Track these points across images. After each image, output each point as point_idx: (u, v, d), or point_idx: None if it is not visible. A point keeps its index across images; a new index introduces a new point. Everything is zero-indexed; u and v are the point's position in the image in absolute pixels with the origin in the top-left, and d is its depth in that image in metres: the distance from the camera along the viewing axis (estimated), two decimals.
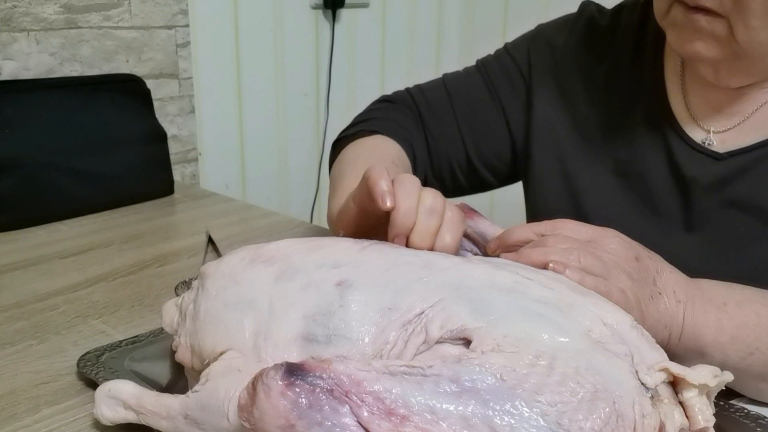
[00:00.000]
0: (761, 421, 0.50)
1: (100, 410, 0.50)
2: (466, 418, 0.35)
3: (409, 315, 0.43)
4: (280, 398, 0.36)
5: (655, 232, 0.68)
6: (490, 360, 0.38)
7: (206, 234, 0.95)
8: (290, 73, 1.55)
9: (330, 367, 0.37)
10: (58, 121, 1.03)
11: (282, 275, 0.48)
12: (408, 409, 0.35)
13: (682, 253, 0.60)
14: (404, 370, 0.38)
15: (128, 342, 0.62)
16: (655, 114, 0.72)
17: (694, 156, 0.69)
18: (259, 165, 1.54)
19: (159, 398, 0.48)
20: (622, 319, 0.43)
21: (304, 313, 0.45)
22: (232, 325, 0.47)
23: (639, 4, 0.77)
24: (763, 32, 0.59)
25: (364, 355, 0.42)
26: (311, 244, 0.51)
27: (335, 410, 0.35)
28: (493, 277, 0.45)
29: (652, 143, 0.71)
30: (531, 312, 0.42)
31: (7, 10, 1.09)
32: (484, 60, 0.87)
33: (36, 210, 0.99)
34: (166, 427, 0.47)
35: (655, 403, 0.39)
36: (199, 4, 1.35)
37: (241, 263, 0.51)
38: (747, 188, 0.66)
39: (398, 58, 1.79)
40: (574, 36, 0.80)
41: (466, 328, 0.41)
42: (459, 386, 0.36)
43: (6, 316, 0.72)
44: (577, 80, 0.79)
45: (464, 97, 0.85)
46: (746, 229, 0.66)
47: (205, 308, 0.50)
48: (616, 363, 0.39)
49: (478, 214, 0.59)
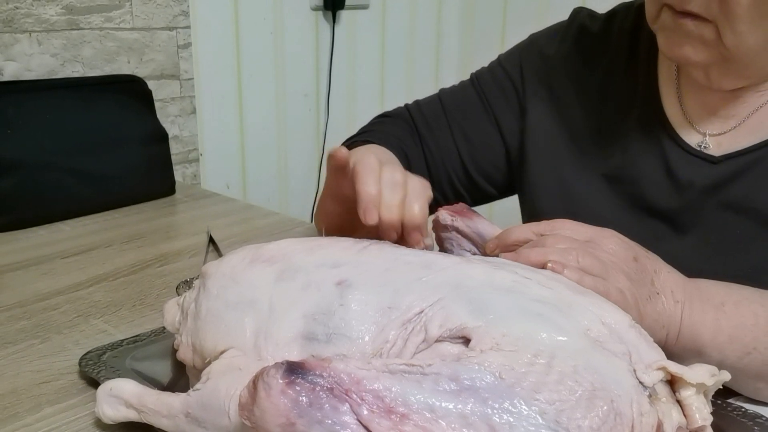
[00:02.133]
0: (759, 419, 0.50)
1: (101, 409, 0.51)
2: (465, 416, 0.35)
3: (409, 314, 0.43)
4: (281, 396, 0.36)
5: (650, 236, 0.68)
6: (489, 359, 0.38)
7: (207, 234, 0.95)
8: (290, 74, 1.55)
9: (330, 366, 0.37)
10: (60, 122, 1.03)
11: (282, 275, 0.48)
12: (407, 408, 0.36)
13: (677, 256, 0.60)
14: (404, 368, 0.38)
15: (130, 341, 0.62)
16: (650, 118, 0.72)
17: (690, 160, 0.69)
18: (259, 165, 1.55)
19: (160, 397, 0.48)
20: (620, 319, 0.43)
21: (304, 313, 0.45)
22: (232, 325, 0.47)
23: (632, 9, 0.77)
24: (750, 37, 0.59)
25: (363, 354, 0.42)
26: (311, 244, 0.51)
27: (335, 408, 0.36)
28: (492, 277, 0.45)
29: (647, 148, 0.72)
30: (530, 311, 0.42)
31: (9, 12, 1.09)
32: (478, 73, 0.88)
33: (37, 210, 1.00)
34: (168, 425, 0.47)
35: (653, 401, 0.39)
36: (200, 6, 1.35)
37: (241, 263, 0.51)
38: (743, 191, 0.66)
39: (398, 59, 1.79)
40: (566, 44, 0.81)
41: (465, 327, 0.41)
42: (458, 384, 0.37)
43: (8, 315, 0.72)
44: (570, 88, 0.79)
45: (459, 109, 0.86)
46: (742, 231, 0.66)
47: (206, 307, 0.50)
48: (614, 362, 0.40)
49: (476, 214, 0.59)
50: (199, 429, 0.45)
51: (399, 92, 1.82)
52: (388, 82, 1.78)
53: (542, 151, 0.80)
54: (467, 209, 0.59)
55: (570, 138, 0.78)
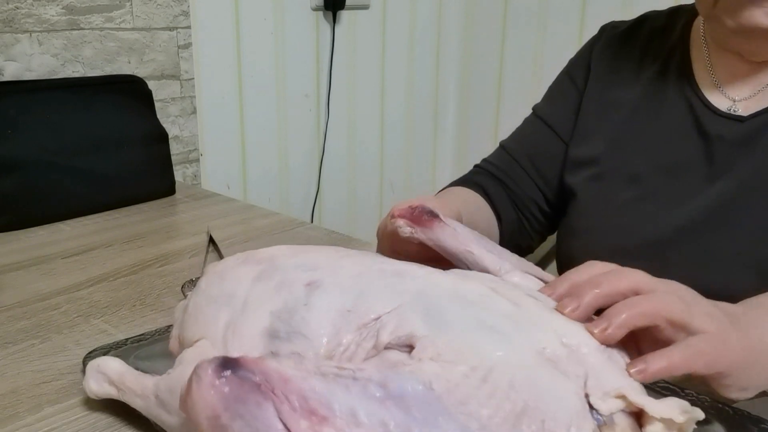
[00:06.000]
0: (763, 425, 0.49)
1: (87, 383, 0.53)
2: (386, 424, 0.35)
3: (366, 318, 0.43)
4: (210, 389, 0.36)
5: (683, 192, 0.73)
6: (425, 367, 0.38)
7: (207, 234, 0.95)
8: (291, 74, 1.55)
9: (262, 364, 0.37)
10: (61, 122, 1.03)
11: (262, 274, 0.50)
12: (329, 411, 0.35)
13: (709, 206, 0.69)
14: (335, 371, 0.38)
15: (134, 340, 0.62)
16: (683, 86, 0.77)
17: (719, 120, 0.74)
18: (259, 165, 1.55)
19: (138, 377, 0.50)
20: (586, 341, 0.41)
21: (272, 310, 0.46)
22: (209, 317, 0.49)
23: (662, 15, 0.84)
24: None
25: (317, 354, 0.43)
26: (300, 249, 0.52)
27: (258, 405, 0.36)
28: (458, 288, 0.45)
29: (680, 111, 0.77)
30: (483, 324, 0.41)
31: (10, 12, 1.09)
32: (534, 107, 0.94)
33: (38, 210, 1.00)
34: (140, 405, 0.49)
35: (604, 429, 0.37)
36: (201, 6, 1.35)
37: (234, 263, 0.53)
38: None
39: (398, 59, 1.79)
40: (598, 48, 0.87)
41: (413, 335, 0.41)
42: (385, 392, 0.36)
43: (8, 315, 0.72)
44: (609, 74, 0.84)
45: (517, 141, 0.92)
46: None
47: (193, 302, 0.52)
48: (560, 382, 0.38)
49: (437, 220, 0.53)
50: (164, 412, 0.46)
51: (399, 92, 1.82)
52: (389, 83, 1.78)
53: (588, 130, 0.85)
54: (426, 214, 0.53)
55: (607, 111, 0.83)
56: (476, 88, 1.92)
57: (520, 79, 1.81)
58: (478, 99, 1.92)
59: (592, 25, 0.92)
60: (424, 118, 1.93)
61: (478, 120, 1.94)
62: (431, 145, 1.97)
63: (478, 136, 1.94)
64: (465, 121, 1.97)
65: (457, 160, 2.00)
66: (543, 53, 1.74)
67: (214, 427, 0.36)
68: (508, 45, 1.82)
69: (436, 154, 1.99)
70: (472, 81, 1.93)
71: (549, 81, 0.93)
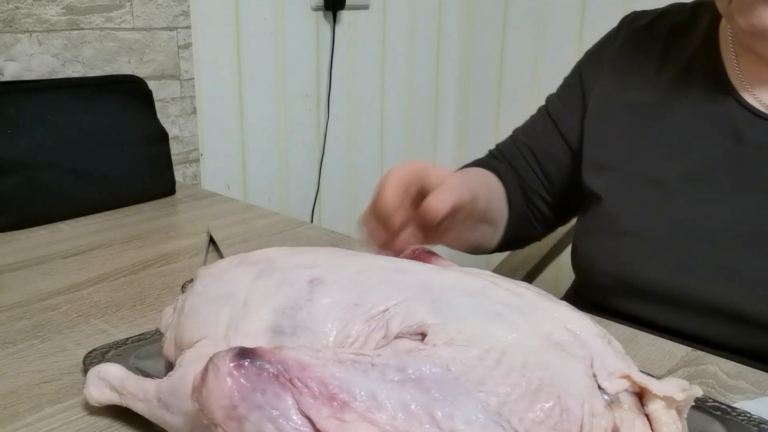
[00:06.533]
0: (764, 425, 0.49)
1: (88, 390, 0.52)
2: (407, 405, 0.36)
3: (373, 311, 0.44)
4: (227, 379, 0.36)
5: (712, 197, 0.71)
6: (440, 352, 0.38)
7: (207, 234, 0.95)
8: (291, 74, 1.55)
9: (280, 353, 0.37)
10: (60, 122, 1.03)
11: (261, 273, 0.50)
12: (350, 396, 0.36)
13: (738, 218, 0.66)
14: (353, 358, 0.38)
15: (134, 340, 0.62)
16: (714, 84, 0.75)
17: (755, 121, 0.71)
18: (260, 166, 1.55)
19: (139, 381, 0.50)
20: (587, 327, 0.43)
21: (275, 307, 0.46)
22: (209, 318, 0.49)
23: (685, 9, 0.81)
24: None
25: (325, 347, 0.43)
26: (297, 250, 0.53)
27: (277, 395, 0.36)
28: (461, 281, 0.46)
29: (712, 111, 0.74)
30: (491, 312, 0.42)
31: (10, 12, 1.09)
32: (547, 98, 0.95)
33: (38, 210, 1.00)
34: (143, 409, 0.48)
35: (612, 407, 0.38)
36: (201, 6, 1.35)
37: (229, 264, 0.53)
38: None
39: (398, 59, 1.79)
40: (618, 41, 0.85)
41: (424, 323, 0.41)
42: (404, 375, 0.37)
43: (8, 315, 0.72)
44: (625, 71, 0.83)
45: (525, 133, 0.94)
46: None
47: (189, 303, 0.52)
48: (570, 362, 0.39)
49: (435, 257, 0.58)
50: (167, 414, 0.46)
51: (399, 92, 1.82)
52: (389, 83, 1.78)
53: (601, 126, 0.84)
54: (425, 254, 0.58)
55: (627, 112, 0.81)
56: (476, 88, 1.92)
57: (520, 79, 1.81)
58: (478, 99, 1.92)
59: (592, 25, 0.92)
60: (424, 118, 1.93)
61: (478, 120, 1.94)
62: (431, 145, 1.97)
63: (478, 136, 1.94)
64: (465, 121, 1.97)
65: (457, 160, 2.00)
66: (543, 53, 1.74)
67: (230, 417, 0.36)
68: (508, 45, 1.81)
69: (436, 154, 1.99)
70: (472, 81, 1.93)
71: (549, 81, 0.94)
